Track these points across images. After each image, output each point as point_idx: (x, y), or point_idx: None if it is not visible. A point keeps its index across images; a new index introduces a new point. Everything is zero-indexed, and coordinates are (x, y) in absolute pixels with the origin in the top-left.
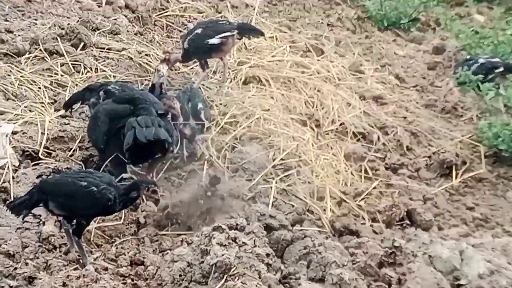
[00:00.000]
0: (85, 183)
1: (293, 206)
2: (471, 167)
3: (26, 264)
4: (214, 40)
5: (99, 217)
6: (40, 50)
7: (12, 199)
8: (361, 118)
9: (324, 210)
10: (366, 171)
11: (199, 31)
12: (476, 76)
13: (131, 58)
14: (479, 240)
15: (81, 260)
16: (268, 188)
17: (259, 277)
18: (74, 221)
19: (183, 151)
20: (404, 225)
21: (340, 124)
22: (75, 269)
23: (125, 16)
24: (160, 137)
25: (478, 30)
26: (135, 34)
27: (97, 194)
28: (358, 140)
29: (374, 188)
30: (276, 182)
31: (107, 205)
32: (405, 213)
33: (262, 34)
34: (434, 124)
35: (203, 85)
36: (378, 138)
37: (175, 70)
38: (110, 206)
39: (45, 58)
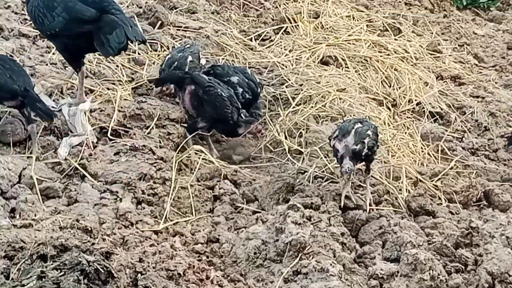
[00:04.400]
0: None
1: (371, 186)
2: None
3: (104, 240)
4: None
5: (174, 192)
6: None
7: (89, 176)
8: (439, 98)
9: (400, 190)
10: (443, 151)
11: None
12: None
13: (208, 37)
14: None
15: None
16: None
17: (334, 256)
18: None
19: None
20: (481, 206)
21: (417, 104)
22: (151, 245)
23: None
24: (144, 38)
25: None
26: (212, 13)
27: None
28: (435, 120)
29: (451, 168)
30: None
31: None
32: (482, 194)
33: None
34: None
35: (279, 62)
36: (456, 118)
37: None
38: None
39: None
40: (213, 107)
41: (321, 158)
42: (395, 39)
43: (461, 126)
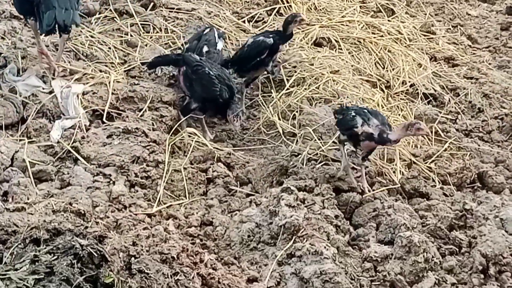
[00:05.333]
0: None
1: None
2: None
3: (97, 223)
4: None
5: (168, 175)
6: (110, 10)
7: (82, 159)
8: (432, 79)
9: (394, 172)
10: (436, 133)
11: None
12: None
13: (201, 18)
14: None
15: None
16: (336, 150)
17: (328, 239)
18: None
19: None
20: (475, 187)
21: (411, 86)
22: (145, 228)
23: None
24: (77, 23)
25: None
26: None
27: None
28: (429, 101)
29: (445, 150)
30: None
31: None
32: (476, 176)
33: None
34: (506, 86)
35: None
36: (449, 100)
37: None
38: None
39: (115, 19)
40: (201, 86)
41: (315, 140)
42: (388, 21)
43: (455, 108)
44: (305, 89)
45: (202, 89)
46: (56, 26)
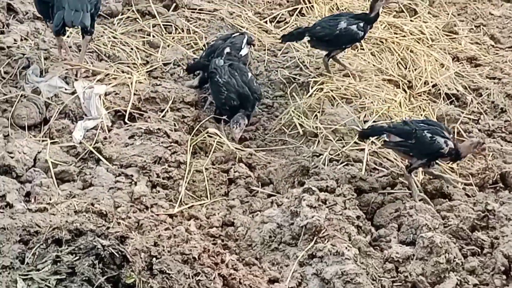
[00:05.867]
0: None
1: (385, 169)
2: None
3: (118, 223)
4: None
5: (189, 176)
6: (133, 11)
7: (104, 160)
8: (455, 79)
9: (416, 172)
10: (459, 133)
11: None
12: None
13: (223, 19)
14: None
15: None
16: (358, 151)
17: (349, 239)
18: None
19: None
20: (498, 188)
21: (433, 86)
22: (166, 229)
23: None
24: (85, 24)
25: None
26: None
27: None
28: (451, 102)
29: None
30: (368, 145)
31: None
32: (498, 176)
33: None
34: None
35: (294, 45)
36: (472, 100)
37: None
38: None
39: (137, 20)
40: (212, 92)
41: (336, 140)
42: (410, 20)
43: (477, 108)
44: (327, 89)
45: (213, 95)
46: (60, 27)
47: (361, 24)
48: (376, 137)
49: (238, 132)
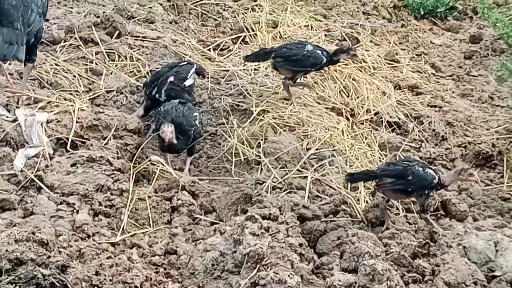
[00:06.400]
0: None
1: (328, 196)
2: (507, 158)
3: (60, 252)
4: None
5: (132, 204)
6: (75, 38)
7: (46, 188)
8: (396, 107)
9: (358, 200)
10: None
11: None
12: None
13: (166, 47)
14: None
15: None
16: (301, 178)
17: (292, 267)
18: None
19: None
20: (439, 215)
21: (375, 114)
22: (108, 257)
23: (160, 4)
24: (19, 58)
25: None
26: (170, 22)
27: None
28: (393, 129)
29: None
30: (310, 173)
31: None
32: (439, 204)
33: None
34: (470, 114)
35: (237, 72)
36: (413, 128)
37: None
38: None
39: (80, 47)
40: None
41: (279, 168)
42: None
43: (419, 136)
44: (270, 117)
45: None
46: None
47: (325, 53)
48: (367, 181)
49: (171, 131)
